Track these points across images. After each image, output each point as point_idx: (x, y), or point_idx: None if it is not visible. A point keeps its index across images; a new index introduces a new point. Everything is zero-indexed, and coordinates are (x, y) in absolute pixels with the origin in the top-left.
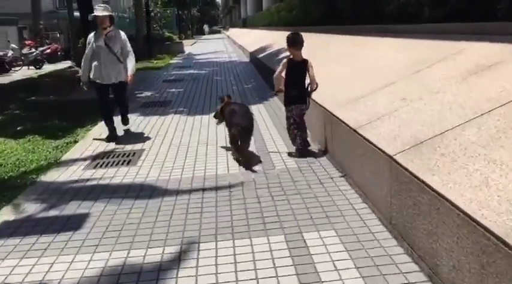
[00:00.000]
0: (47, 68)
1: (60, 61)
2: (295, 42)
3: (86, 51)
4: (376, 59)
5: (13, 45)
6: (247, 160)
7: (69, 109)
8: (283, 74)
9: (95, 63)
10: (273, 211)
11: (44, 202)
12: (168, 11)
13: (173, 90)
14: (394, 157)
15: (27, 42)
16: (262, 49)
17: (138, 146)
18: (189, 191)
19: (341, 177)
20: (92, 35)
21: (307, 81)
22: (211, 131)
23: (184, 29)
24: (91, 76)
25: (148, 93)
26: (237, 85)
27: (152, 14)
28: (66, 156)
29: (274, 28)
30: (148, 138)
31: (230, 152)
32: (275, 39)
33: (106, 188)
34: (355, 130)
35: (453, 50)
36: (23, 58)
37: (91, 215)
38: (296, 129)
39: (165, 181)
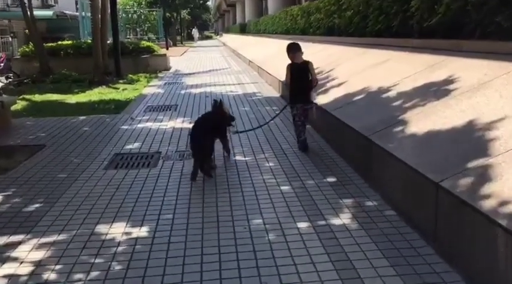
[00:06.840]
0: None
1: (7, 73)
2: (292, 49)
3: None
4: None
5: None
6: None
7: None
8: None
9: None
10: None
11: None
12: (154, 13)
13: (125, 224)
14: None
15: None
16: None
17: None
18: None
19: None
20: None
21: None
22: None
23: (173, 34)
24: None
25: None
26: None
27: (135, 15)
28: None
29: (298, 38)
30: None
31: None
32: (318, 56)
33: None
34: None
35: None
36: None
37: None
38: (301, 126)
39: None
